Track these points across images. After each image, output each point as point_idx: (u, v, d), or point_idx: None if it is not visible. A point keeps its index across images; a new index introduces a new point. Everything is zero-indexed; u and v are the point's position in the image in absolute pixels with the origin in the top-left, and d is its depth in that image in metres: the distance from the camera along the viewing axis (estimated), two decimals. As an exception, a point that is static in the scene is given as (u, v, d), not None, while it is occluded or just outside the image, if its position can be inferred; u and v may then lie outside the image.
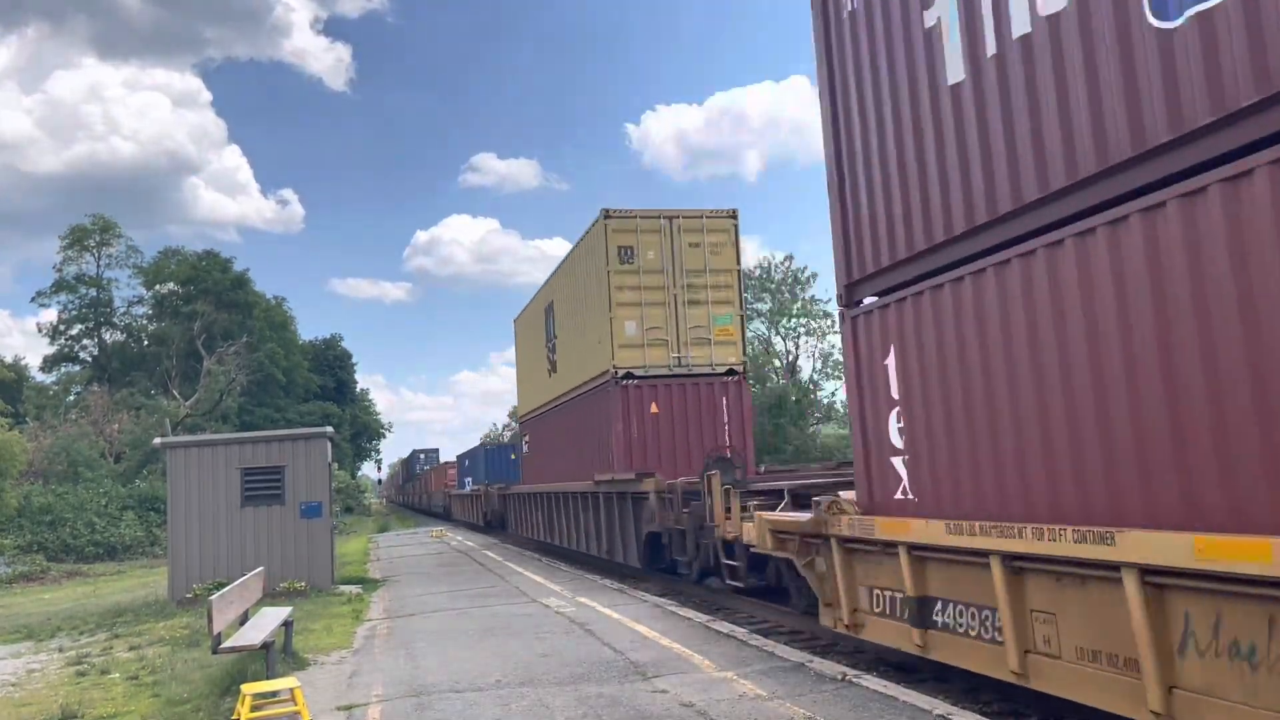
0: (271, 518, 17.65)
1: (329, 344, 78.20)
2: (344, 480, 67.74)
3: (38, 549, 31.99)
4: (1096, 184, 5.83)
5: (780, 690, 7.86)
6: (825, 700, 7.46)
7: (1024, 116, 6.33)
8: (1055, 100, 6.06)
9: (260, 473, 17.70)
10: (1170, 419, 5.23)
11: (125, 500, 37.07)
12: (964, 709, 7.10)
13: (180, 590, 17.16)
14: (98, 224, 58.30)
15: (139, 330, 61.89)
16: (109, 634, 14.61)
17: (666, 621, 11.74)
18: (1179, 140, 5.23)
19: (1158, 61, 5.30)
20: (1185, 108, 5.15)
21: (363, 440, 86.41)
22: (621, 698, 7.96)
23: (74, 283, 58.82)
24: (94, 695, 9.78)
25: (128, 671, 11.00)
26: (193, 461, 17.64)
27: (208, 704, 8.77)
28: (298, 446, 18.09)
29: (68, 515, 33.99)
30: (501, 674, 9.24)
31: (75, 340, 60.61)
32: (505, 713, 7.72)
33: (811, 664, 8.79)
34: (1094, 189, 5.85)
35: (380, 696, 8.61)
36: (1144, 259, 5.38)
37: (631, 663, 9.36)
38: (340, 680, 9.48)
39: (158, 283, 59.80)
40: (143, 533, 35.48)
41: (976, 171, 6.84)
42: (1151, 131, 5.37)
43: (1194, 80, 5.08)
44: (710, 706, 7.48)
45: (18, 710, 9.35)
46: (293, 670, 9.73)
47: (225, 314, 58.00)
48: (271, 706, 8.05)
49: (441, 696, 8.45)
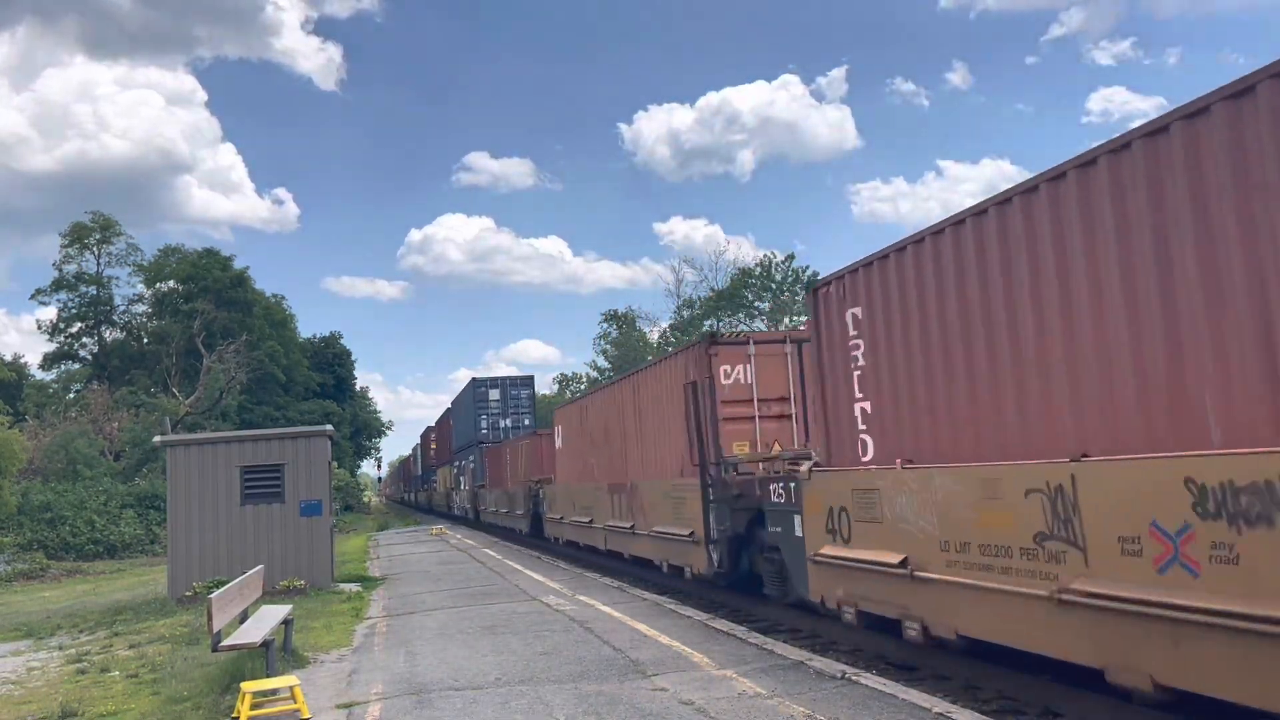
0: (271, 516, 17.64)
1: (328, 342, 78.11)
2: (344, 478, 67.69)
3: (38, 547, 31.97)
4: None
5: (780, 688, 7.86)
6: (825, 698, 7.47)
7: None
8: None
9: (260, 471, 17.70)
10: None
11: (125, 498, 37.03)
12: (963, 707, 7.10)
13: (180, 588, 17.17)
14: (98, 222, 58.30)
15: (139, 328, 61.85)
16: (109, 632, 14.61)
17: (666, 619, 11.75)
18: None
19: None
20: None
21: (363, 438, 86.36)
22: (621, 696, 7.96)
23: (74, 281, 58.82)
24: (94, 693, 9.78)
25: (127, 669, 11.01)
26: (193, 460, 17.64)
27: (208, 702, 8.77)
28: (298, 445, 18.08)
29: (67, 513, 33.97)
30: (501, 672, 9.24)
31: (75, 338, 60.60)
32: (505, 711, 7.73)
33: (811, 662, 8.79)
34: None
35: (380, 694, 8.61)
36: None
37: (631, 661, 9.36)
38: (340, 678, 9.48)
39: (158, 281, 59.76)
40: (142, 531, 35.47)
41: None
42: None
43: None
44: (710, 704, 7.48)
45: (18, 708, 9.36)
46: (292, 668, 9.74)
47: (225, 312, 57.91)
48: (271, 704, 8.06)
49: (441, 694, 8.45)
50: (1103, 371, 6.28)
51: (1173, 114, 5.75)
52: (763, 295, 56.98)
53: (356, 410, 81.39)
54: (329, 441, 18.85)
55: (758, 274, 59.89)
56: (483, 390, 42.58)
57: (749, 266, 61.45)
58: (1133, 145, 6.04)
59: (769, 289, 57.90)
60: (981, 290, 7.49)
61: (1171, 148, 5.75)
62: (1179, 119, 5.69)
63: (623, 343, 67.18)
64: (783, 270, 59.29)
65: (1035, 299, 6.88)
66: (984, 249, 7.45)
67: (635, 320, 68.03)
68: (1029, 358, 6.97)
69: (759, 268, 60.35)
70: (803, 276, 57.62)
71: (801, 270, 58.66)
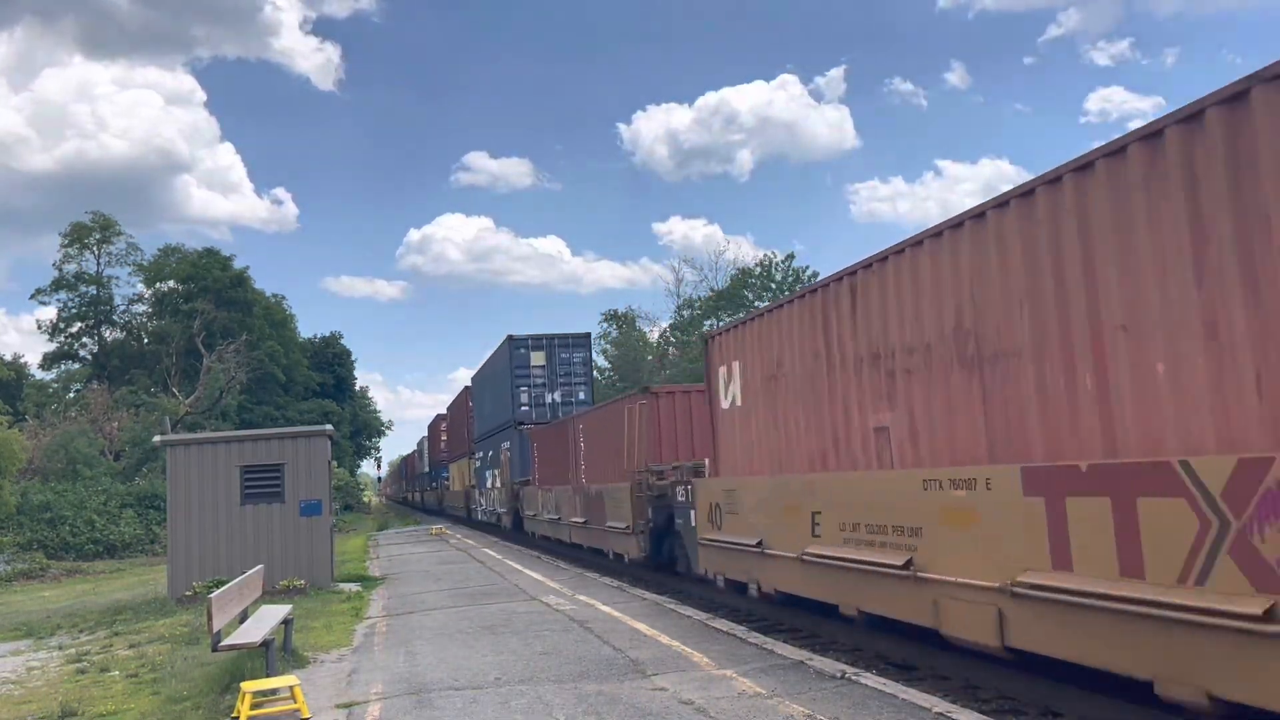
0: (271, 515, 17.64)
1: (328, 342, 78.12)
2: (344, 478, 67.69)
3: (37, 547, 31.97)
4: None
5: (779, 688, 7.86)
6: (824, 698, 7.46)
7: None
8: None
9: (260, 470, 17.70)
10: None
11: (125, 498, 37.04)
12: (963, 707, 7.10)
13: (180, 588, 17.17)
14: (98, 222, 58.31)
15: (139, 328, 61.87)
16: (109, 632, 14.62)
17: (665, 619, 11.75)
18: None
19: None
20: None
21: (362, 438, 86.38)
22: (621, 695, 7.96)
23: (74, 280, 58.84)
24: (94, 693, 9.78)
25: (127, 669, 11.01)
26: (192, 459, 17.64)
27: (207, 701, 8.77)
28: (297, 444, 18.09)
29: (67, 513, 33.98)
30: (501, 671, 9.24)
31: (75, 338, 60.62)
32: (505, 710, 7.72)
33: (811, 662, 8.79)
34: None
35: (380, 694, 8.61)
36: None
37: (631, 660, 9.36)
38: (340, 678, 9.48)
39: (158, 281, 59.77)
40: (142, 530, 35.47)
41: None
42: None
43: None
44: (709, 704, 7.48)
45: (18, 708, 9.36)
46: (292, 668, 9.74)
47: (225, 312, 57.91)
48: (271, 704, 8.06)
49: (441, 694, 8.45)
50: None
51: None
52: (763, 295, 56.92)
53: (356, 410, 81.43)
54: (329, 441, 18.86)
55: (758, 274, 59.90)
56: (522, 353, 31.04)
57: (749, 266, 61.48)
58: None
59: (769, 289, 57.87)
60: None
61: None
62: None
63: (623, 343, 67.11)
64: (783, 270, 59.29)
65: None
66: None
67: (635, 320, 67.99)
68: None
69: (759, 267, 60.37)
70: (803, 276, 57.64)
71: (801, 270, 58.69)
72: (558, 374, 31.07)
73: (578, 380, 31.35)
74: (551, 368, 31.03)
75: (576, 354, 31.65)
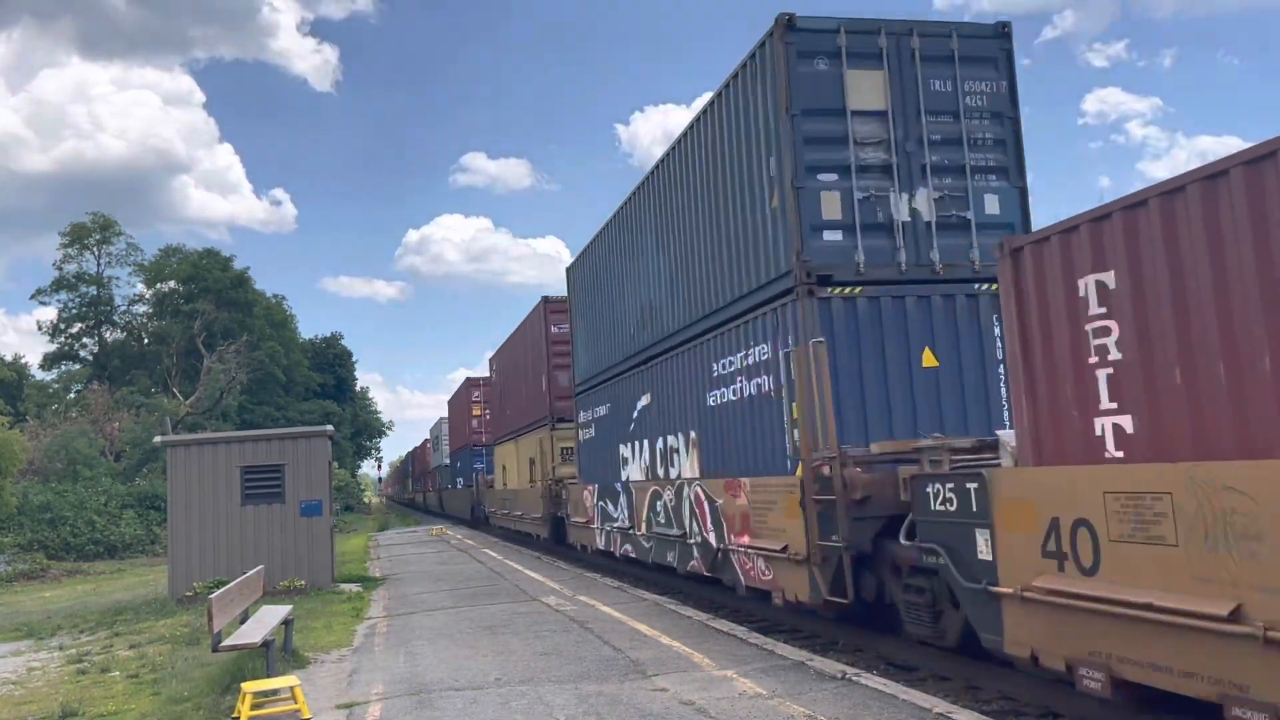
0: (272, 516, 17.65)
1: (329, 342, 78.17)
2: (344, 478, 67.71)
3: (38, 547, 31.96)
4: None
5: (780, 689, 7.86)
6: (825, 699, 7.46)
7: None
8: None
9: (260, 471, 17.71)
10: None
11: (125, 498, 37.04)
12: (963, 707, 7.10)
13: (180, 588, 17.17)
14: (98, 222, 58.34)
15: (139, 328, 61.89)
16: (109, 632, 14.62)
17: (666, 619, 11.75)
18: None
19: None
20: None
21: (363, 438, 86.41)
22: (621, 696, 7.96)
23: (74, 281, 58.86)
24: (94, 693, 9.79)
25: (128, 669, 11.01)
26: (193, 460, 17.65)
27: (208, 702, 8.77)
28: (298, 445, 18.09)
29: (68, 513, 33.97)
30: (501, 672, 9.24)
31: (75, 338, 60.64)
32: (505, 711, 7.73)
33: (812, 662, 8.79)
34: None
35: (380, 694, 8.62)
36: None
37: (631, 661, 9.36)
38: (340, 678, 9.48)
39: (158, 281, 59.81)
40: (143, 531, 35.47)
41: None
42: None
43: None
44: (710, 705, 7.48)
45: (18, 708, 9.36)
46: (293, 668, 9.74)
47: (225, 312, 57.95)
48: (272, 704, 8.06)
49: (442, 694, 8.46)
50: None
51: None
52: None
53: (357, 410, 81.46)
54: (329, 442, 18.86)
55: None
56: (825, 68, 10.57)
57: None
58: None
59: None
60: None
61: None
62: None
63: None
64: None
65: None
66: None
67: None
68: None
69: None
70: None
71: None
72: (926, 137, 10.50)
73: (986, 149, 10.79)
74: (906, 119, 10.55)
75: (981, 80, 10.79)
